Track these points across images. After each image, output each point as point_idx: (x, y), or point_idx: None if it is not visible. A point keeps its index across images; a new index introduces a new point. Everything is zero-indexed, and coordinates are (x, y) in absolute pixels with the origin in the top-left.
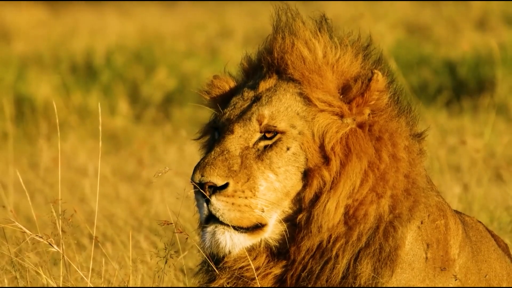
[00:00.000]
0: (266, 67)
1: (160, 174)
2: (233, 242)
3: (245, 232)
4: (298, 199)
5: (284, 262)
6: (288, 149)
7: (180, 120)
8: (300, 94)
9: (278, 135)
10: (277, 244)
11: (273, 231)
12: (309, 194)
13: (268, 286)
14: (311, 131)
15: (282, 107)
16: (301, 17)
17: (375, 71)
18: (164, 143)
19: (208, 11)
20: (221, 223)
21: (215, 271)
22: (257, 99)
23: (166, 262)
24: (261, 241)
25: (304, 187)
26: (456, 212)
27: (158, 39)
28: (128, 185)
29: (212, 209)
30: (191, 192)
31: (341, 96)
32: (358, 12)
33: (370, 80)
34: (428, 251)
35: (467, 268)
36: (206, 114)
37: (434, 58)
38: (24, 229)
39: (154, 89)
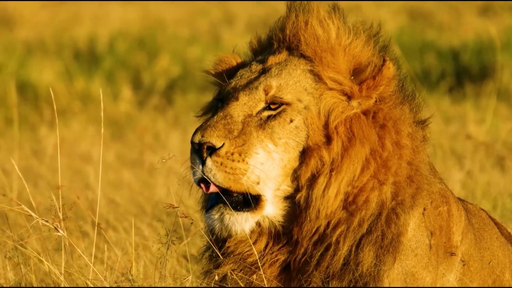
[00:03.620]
0: (276, 44)
1: (164, 160)
2: (237, 223)
3: (247, 211)
4: (295, 177)
5: (288, 246)
6: (291, 121)
7: (183, 107)
8: (311, 71)
9: (283, 106)
10: (280, 222)
11: (275, 210)
12: (305, 173)
13: (275, 274)
14: (317, 108)
15: (291, 81)
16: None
17: (387, 58)
18: (167, 129)
19: None
20: (224, 204)
21: (219, 257)
22: (265, 71)
23: (168, 248)
24: (264, 220)
25: (301, 164)
26: (459, 199)
27: (161, 25)
28: (131, 171)
29: (205, 170)
30: (191, 177)
31: (352, 77)
32: None
33: (382, 65)
34: (431, 238)
35: (470, 255)
36: (209, 99)
37: (437, 44)
38: (31, 212)
39: (157, 75)
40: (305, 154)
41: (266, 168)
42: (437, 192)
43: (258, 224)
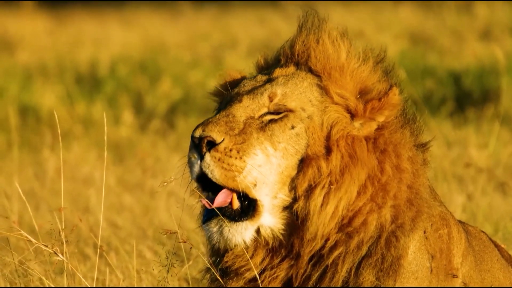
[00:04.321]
0: (284, 59)
1: (166, 184)
2: (237, 233)
3: (245, 219)
4: (293, 187)
5: (289, 260)
6: (292, 127)
7: (184, 131)
8: (318, 85)
9: (286, 113)
10: (280, 232)
11: (274, 220)
12: (302, 182)
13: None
14: (321, 120)
15: (296, 91)
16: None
17: (394, 86)
18: (168, 153)
19: (212, 20)
20: (223, 215)
21: (220, 280)
22: (271, 80)
23: (168, 272)
24: (264, 230)
25: (298, 174)
26: (460, 221)
27: (162, 49)
28: (132, 195)
29: (203, 166)
30: (191, 201)
31: (358, 97)
32: (362, 22)
33: (388, 90)
34: (431, 261)
35: (470, 277)
36: None
37: (438, 68)
38: (30, 237)
39: (159, 99)
40: (303, 163)
41: (264, 171)
42: (437, 215)
43: (257, 231)
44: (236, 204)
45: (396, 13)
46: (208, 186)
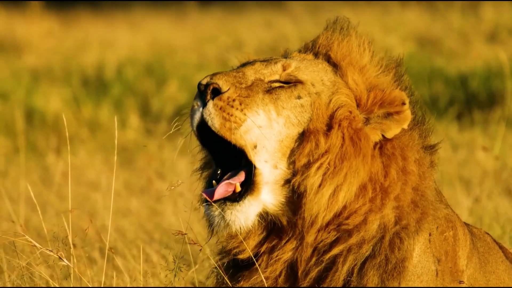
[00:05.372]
0: (304, 50)
1: (173, 187)
2: (241, 213)
3: (246, 196)
4: (292, 160)
5: (293, 241)
6: (299, 97)
7: (191, 134)
8: (333, 70)
9: (296, 83)
10: (281, 210)
11: (274, 197)
12: (300, 156)
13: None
14: (328, 99)
15: (310, 68)
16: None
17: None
18: (175, 156)
19: (219, 23)
20: (224, 199)
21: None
22: (286, 57)
23: (175, 275)
24: (266, 206)
25: (298, 147)
26: (464, 223)
27: (169, 51)
28: (138, 198)
29: (204, 113)
30: (199, 205)
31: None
32: (369, 25)
33: (402, 104)
34: (437, 264)
35: (475, 279)
36: None
37: (445, 71)
38: (34, 242)
39: (165, 102)
40: (303, 137)
41: (265, 133)
42: (443, 217)
43: (260, 214)
44: (239, 188)
45: (403, 16)
46: (208, 143)
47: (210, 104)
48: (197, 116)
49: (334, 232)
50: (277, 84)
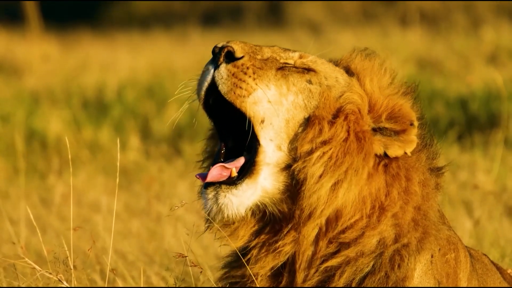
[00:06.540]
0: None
1: (177, 207)
2: (236, 200)
3: (243, 180)
4: (295, 146)
5: (292, 232)
6: (309, 82)
7: (191, 156)
8: (349, 71)
9: (309, 70)
10: (279, 196)
11: (273, 183)
12: (302, 141)
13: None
14: (340, 94)
15: (327, 65)
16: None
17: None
18: (175, 178)
19: None
20: (220, 183)
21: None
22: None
23: None
24: (260, 197)
25: (301, 132)
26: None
27: (170, 73)
28: (139, 220)
29: (215, 74)
30: (201, 227)
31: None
32: (369, 46)
33: (411, 124)
34: (437, 286)
35: None
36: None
37: (446, 92)
38: (34, 265)
39: (165, 124)
40: (308, 123)
41: (274, 109)
42: (445, 238)
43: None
44: (235, 173)
45: (404, 37)
46: (214, 115)
47: (223, 66)
48: (208, 79)
49: (333, 245)
50: (291, 66)
